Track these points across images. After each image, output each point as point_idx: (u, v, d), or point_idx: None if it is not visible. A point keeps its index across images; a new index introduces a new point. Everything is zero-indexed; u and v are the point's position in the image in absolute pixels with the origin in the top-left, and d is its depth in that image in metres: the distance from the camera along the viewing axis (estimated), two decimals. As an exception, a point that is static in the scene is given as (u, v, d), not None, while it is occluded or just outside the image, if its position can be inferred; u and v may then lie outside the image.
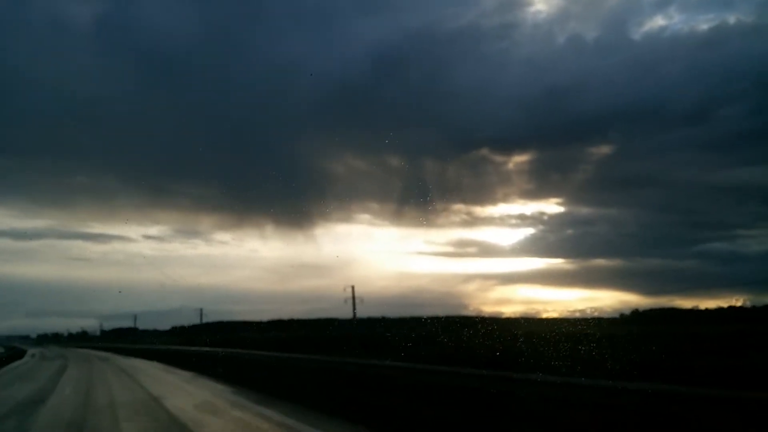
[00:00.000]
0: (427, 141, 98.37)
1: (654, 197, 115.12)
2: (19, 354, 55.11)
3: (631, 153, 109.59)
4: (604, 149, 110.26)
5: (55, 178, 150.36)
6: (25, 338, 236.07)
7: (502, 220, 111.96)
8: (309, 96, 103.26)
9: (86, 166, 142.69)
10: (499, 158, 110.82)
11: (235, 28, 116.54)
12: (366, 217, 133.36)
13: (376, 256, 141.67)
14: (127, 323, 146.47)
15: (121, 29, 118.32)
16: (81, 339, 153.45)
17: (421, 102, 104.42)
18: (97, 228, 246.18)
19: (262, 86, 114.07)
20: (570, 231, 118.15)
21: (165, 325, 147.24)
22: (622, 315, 70.33)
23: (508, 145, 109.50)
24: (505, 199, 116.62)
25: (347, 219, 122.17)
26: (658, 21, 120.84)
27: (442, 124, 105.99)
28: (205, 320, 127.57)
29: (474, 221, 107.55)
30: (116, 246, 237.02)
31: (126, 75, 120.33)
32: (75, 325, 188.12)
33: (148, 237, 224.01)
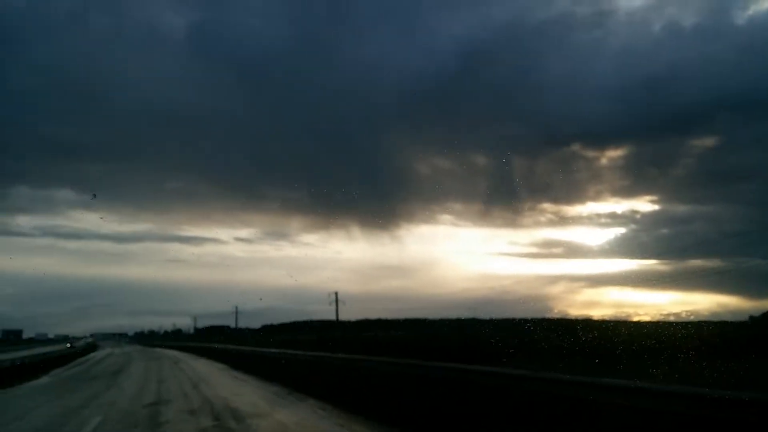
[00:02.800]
0: (515, 137, 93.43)
1: (759, 192, 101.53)
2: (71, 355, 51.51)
3: (735, 145, 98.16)
4: (706, 142, 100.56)
5: (153, 183, 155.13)
6: (123, 335, 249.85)
7: (590, 219, 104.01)
8: (394, 95, 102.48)
9: (181, 171, 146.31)
10: (591, 154, 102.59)
11: (321, 30, 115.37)
12: (448, 217, 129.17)
13: (459, 257, 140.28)
14: (219, 322, 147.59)
15: (213, 36, 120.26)
16: (175, 337, 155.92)
17: (508, 97, 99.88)
18: (191, 231, 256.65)
19: (348, 87, 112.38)
20: (664, 230, 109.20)
21: (256, 324, 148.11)
22: (752, 318, 60.22)
23: (602, 139, 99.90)
24: (596, 197, 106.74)
25: (430, 220, 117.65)
26: (764, 4, 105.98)
27: (531, 119, 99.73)
28: (292, 319, 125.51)
29: (561, 221, 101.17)
30: (209, 248, 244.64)
31: (217, 81, 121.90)
32: (171, 323, 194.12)
33: (238, 239, 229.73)
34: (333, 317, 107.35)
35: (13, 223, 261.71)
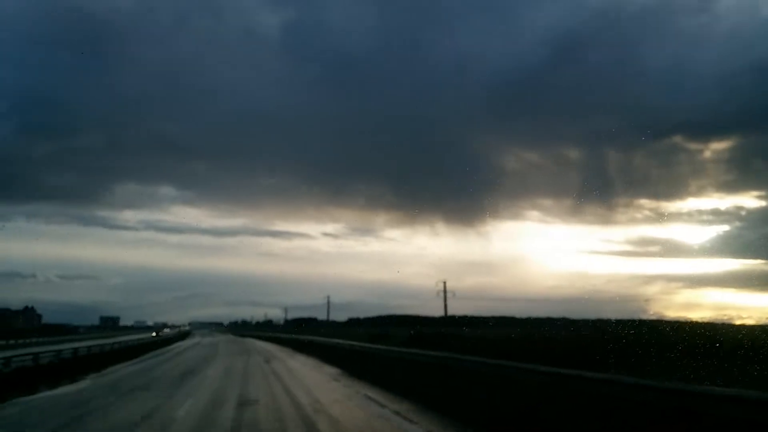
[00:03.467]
0: (610, 129, 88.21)
1: None
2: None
3: None
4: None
5: (248, 180, 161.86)
6: (218, 324, 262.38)
7: (691, 216, 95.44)
8: (483, 88, 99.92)
9: (274, 168, 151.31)
10: (694, 146, 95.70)
11: (410, 24, 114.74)
12: (536, 214, 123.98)
13: (546, 255, 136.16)
14: (307, 314, 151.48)
15: (304, 34, 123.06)
16: (266, 327, 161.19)
17: (604, 87, 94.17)
18: (282, 226, 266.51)
19: (437, 81, 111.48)
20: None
21: (342, 317, 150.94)
22: None
23: (706, 130, 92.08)
24: (698, 192, 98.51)
25: (517, 216, 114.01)
26: None
27: (628, 110, 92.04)
28: (376, 313, 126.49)
29: (658, 218, 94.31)
30: (298, 242, 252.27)
31: (309, 79, 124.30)
32: (262, 313, 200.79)
33: (326, 234, 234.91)
34: (418, 312, 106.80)
35: (121, 218, 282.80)
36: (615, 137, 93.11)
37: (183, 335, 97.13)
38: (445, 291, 73.78)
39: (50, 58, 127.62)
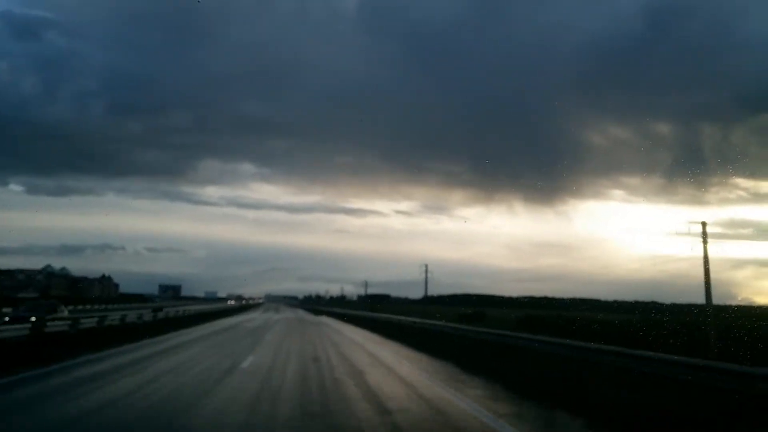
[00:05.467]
0: (706, 103, 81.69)
1: None
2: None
3: None
4: None
5: (324, 157, 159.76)
6: (293, 298, 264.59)
7: None
8: (571, 61, 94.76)
9: (350, 145, 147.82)
10: None
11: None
12: (619, 193, 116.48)
13: (629, 235, 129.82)
14: (381, 290, 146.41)
15: (386, 10, 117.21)
16: (339, 303, 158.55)
17: (701, 58, 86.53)
18: (356, 203, 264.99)
19: (520, 55, 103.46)
20: None
21: (415, 294, 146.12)
22: None
23: None
24: None
25: (599, 195, 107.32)
26: None
27: (727, 83, 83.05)
28: (449, 292, 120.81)
29: (753, 198, 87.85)
30: (372, 220, 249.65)
31: (388, 55, 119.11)
32: (335, 288, 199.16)
33: (398, 212, 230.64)
34: (487, 292, 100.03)
35: (204, 193, 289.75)
36: (710, 112, 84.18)
37: (243, 308, 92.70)
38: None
39: (139, 37, 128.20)
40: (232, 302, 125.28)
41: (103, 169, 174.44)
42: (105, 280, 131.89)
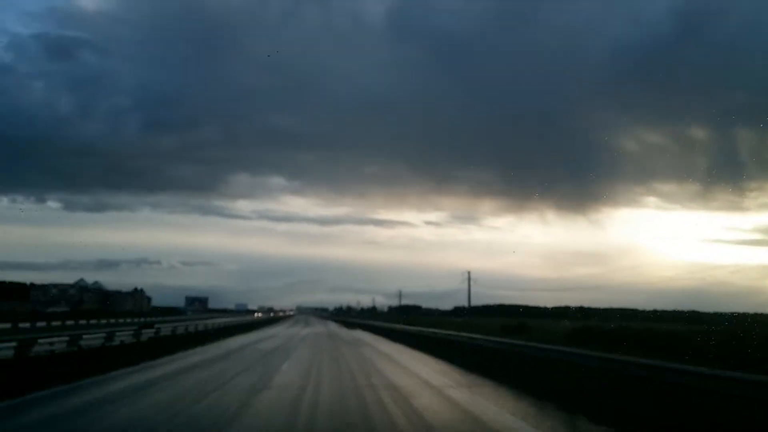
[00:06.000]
0: (744, 105, 74.67)
1: None
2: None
3: None
4: None
5: (352, 168, 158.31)
6: (324, 310, 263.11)
7: None
8: (601, 65, 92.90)
9: (378, 156, 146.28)
10: None
11: (520, 2, 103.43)
12: (653, 200, 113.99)
13: (664, 243, 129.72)
14: (411, 301, 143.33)
15: (412, 18, 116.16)
16: (371, 314, 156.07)
17: (736, 59, 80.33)
18: (385, 214, 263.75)
19: (548, 60, 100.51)
20: None
21: (447, 305, 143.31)
22: None
23: None
24: None
25: (632, 203, 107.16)
26: None
27: (763, 83, 78.28)
28: (480, 302, 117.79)
29: None
30: (401, 231, 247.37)
31: (414, 64, 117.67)
32: (366, 300, 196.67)
33: (428, 222, 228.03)
34: (519, 302, 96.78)
35: (235, 207, 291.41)
36: (749, 114, 79.04)
37: (269, 321, 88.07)
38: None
39: (169, 54, 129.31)
40: (259, 314, 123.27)
41: (137, 184, 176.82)
42: (137, 294, 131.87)
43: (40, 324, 49.82)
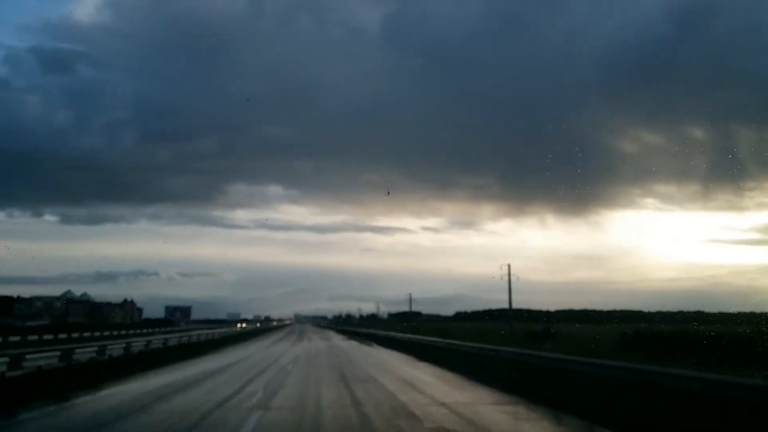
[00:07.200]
0: (741, 104, 73.72)
1: None
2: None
3: None
4: None
5: (350, 176, 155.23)
6: (323, 318, 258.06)
7: None
8: (598, 67, 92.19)
9: (375, 163, 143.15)
10: None
11: (514, 5, 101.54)
12: (652, 201, 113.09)
13: (662, 245, 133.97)
14: (412, 308, 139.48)
15: (407, 26, 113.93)
16: (370, 322, 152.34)
17: (733, 57, 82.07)
18: (383, 221, 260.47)
19: (543, 63, 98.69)
20: None
21: (448, 311, 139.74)
22: None
23: None
24: None
25: (630, 204, 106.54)
26: None
27: (762, 82, 76.56)
28: (481, 307, 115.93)
29: None
30: (399, 237, 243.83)
31: (410, 71, 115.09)
32: (366, 309, 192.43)
33: (426, 228, 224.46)
34: (523, 306, 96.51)
35: (233, 217, 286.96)
36: (748, 113, 77.90)
37: (256, 333, 78.54)
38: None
39: (165, 65, 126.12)
40: (242, 325, 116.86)
41: (134, 196, 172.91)
42: (127, 305, 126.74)
43: (13, 339, 45.30)
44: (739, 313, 38.78)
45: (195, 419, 10.98)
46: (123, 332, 66.92)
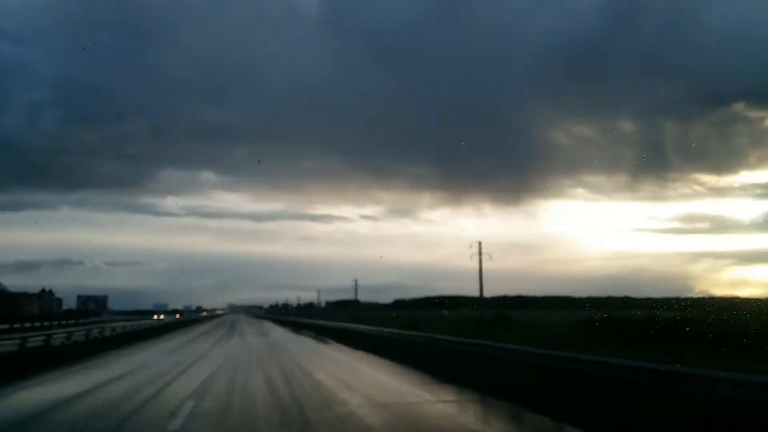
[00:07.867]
0: (667, 99, 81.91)
1: None
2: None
3: None
4: None
5: (288, 163, 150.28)
6: (259, 308, 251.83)
7: (744, 190, 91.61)
8: (530, 59, 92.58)
9: (314, 150, 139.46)
10: (756, 114, 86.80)
11: None
12: (581, 192, 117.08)
13: (591, 234, 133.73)
14: (349, 296, 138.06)
15: (344, 9, 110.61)
16: (308, 311, 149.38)
17: (662, 53, 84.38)
18: (322, 209, 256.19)
19: (480, 55, 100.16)
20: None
21: (385, 299, 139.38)
22: None
23: None
24: (757, 164, 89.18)
25: (561, 194, 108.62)
26: None
27: (687, 78, 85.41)
28: (418, 295, 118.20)
29: (708, 193, 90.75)
30: (338, 226, 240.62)
31: (350, 57, 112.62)
32: (303, 297, 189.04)
33: (364, 217, 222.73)
34: (462, 293, 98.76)
35: (164, 204, 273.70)
36: (673, 107, 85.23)
37: (175, 326, 67.61)
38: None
39: (92, 44, 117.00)
40: (161, 317, 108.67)
41: (58, 182, 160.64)
42: (45, 295, 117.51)
43: None
44: (663, 299, 40.28)
45: None
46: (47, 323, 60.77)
